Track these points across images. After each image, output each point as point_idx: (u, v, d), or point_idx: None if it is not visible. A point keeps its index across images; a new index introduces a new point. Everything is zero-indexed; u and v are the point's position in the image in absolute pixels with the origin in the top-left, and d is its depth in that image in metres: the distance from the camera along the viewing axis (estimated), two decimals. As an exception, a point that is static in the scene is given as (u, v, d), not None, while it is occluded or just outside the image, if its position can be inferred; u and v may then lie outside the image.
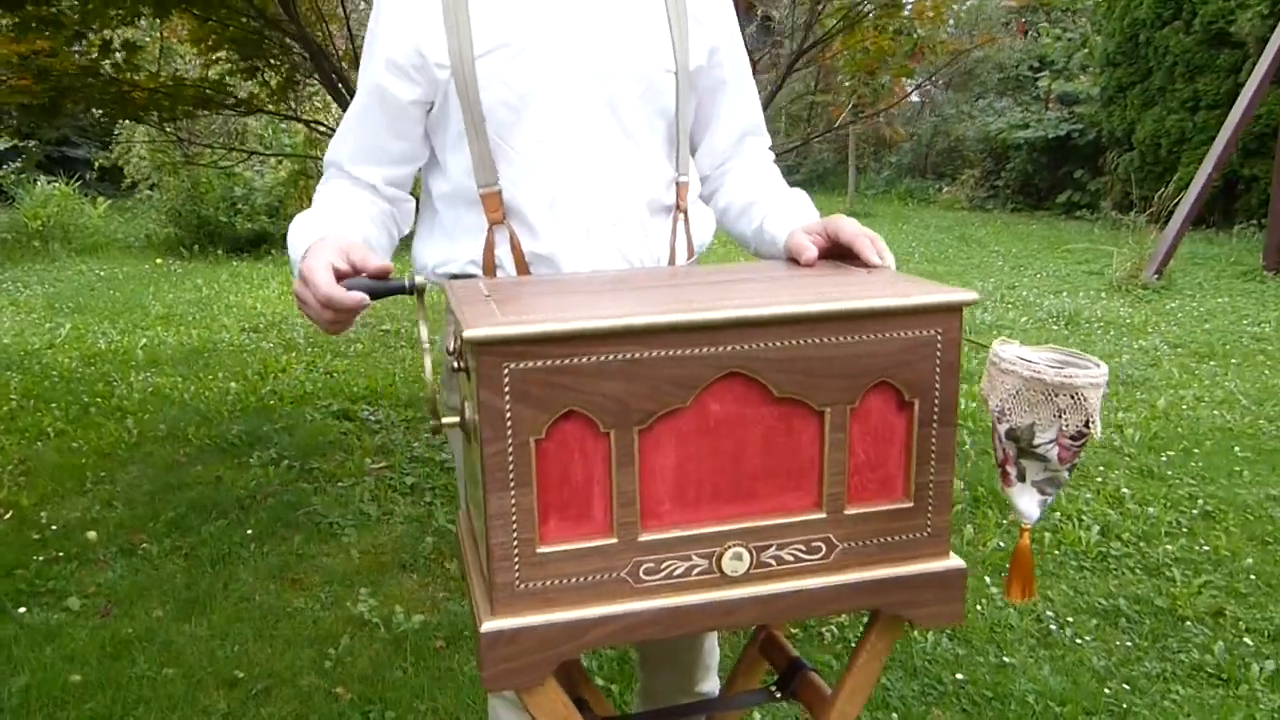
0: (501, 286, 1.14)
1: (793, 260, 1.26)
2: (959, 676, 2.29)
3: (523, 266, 1.27)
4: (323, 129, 4.27)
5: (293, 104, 4.08)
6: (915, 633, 2.47)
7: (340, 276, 1.03)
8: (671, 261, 1.34)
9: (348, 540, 3.05)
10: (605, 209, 1.28)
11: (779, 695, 1.27)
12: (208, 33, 3.69)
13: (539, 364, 0.94)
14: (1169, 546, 2.98)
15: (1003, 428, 0.95)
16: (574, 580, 1.00)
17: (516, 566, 0.98)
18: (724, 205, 1.44)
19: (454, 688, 2.28)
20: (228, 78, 3.81)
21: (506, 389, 0.94)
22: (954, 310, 1.04)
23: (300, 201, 8.66)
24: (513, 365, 0.94)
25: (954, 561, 1.10)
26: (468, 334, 0.92)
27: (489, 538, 0.97)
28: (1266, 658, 2.36)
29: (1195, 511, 3.24)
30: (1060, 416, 0.90)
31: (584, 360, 0.95)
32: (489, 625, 0.98)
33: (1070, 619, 2.56)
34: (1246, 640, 2.46)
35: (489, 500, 0.96)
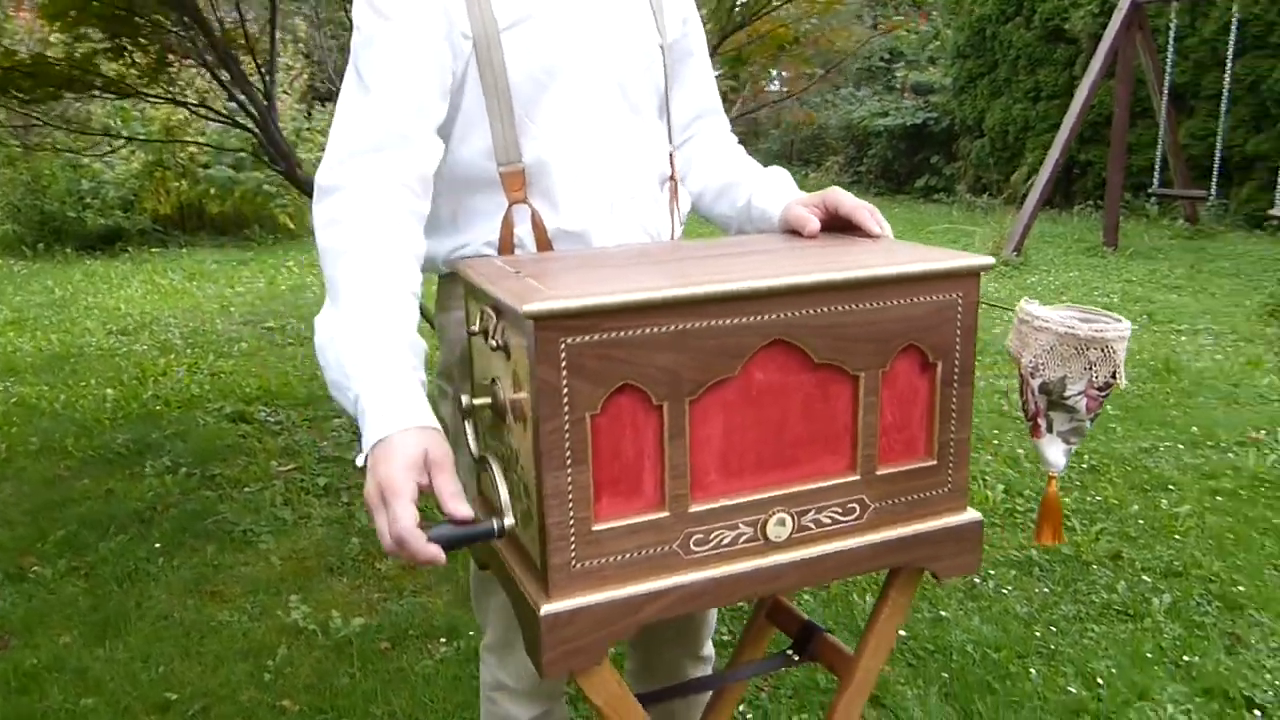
0: (524, 263, 1.11)
1: (792, 232, 1.28)
2: (901, 633, 2.39)
3: (545, 244, 1.23)
4: (205, 112, 4.03)
5: (165, 86, 3.83)
6: (854, 595, 2.56)
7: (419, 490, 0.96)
8: (671, 231, 1.35)
9: (265, 547, 2.91)
10: (626, 183, 1.27)
11: (797, 658, 1.29)
12: (67, 6, 3.41)
13: (595, 338, 0.93)
14: (1065, 499, 3.19)
15: (1036, 382, 0.99)
16: (627, 556, 0.99)
17: (573, 546, 0.97)
18: (699, 190, 1.44)
19: (408, 689, 2.22)
20: (96, 57, 3.54)
21: (563, 364, 0.92)
22: (974, 274, 1.08)
23: (157, 196, 8.14)
24: (569, 340, 0.92)
25: (972, 514, 1.15)
26: (527, 309, 0.89)
27: (545, 518, 0.95)
28: (1163, 592, 2.57)
29: (1083, 466, 3.47)
30: (1090, 368, 0.96)
31: (638, 333, 0.94)
32: (548, 608, 0.96)
33: (992, 572, 2.71)
34: (1145, 578, 2.66)
35: (545, 480, 0.94)
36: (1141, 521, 3.01)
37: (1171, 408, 4.08)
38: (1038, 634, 2.39)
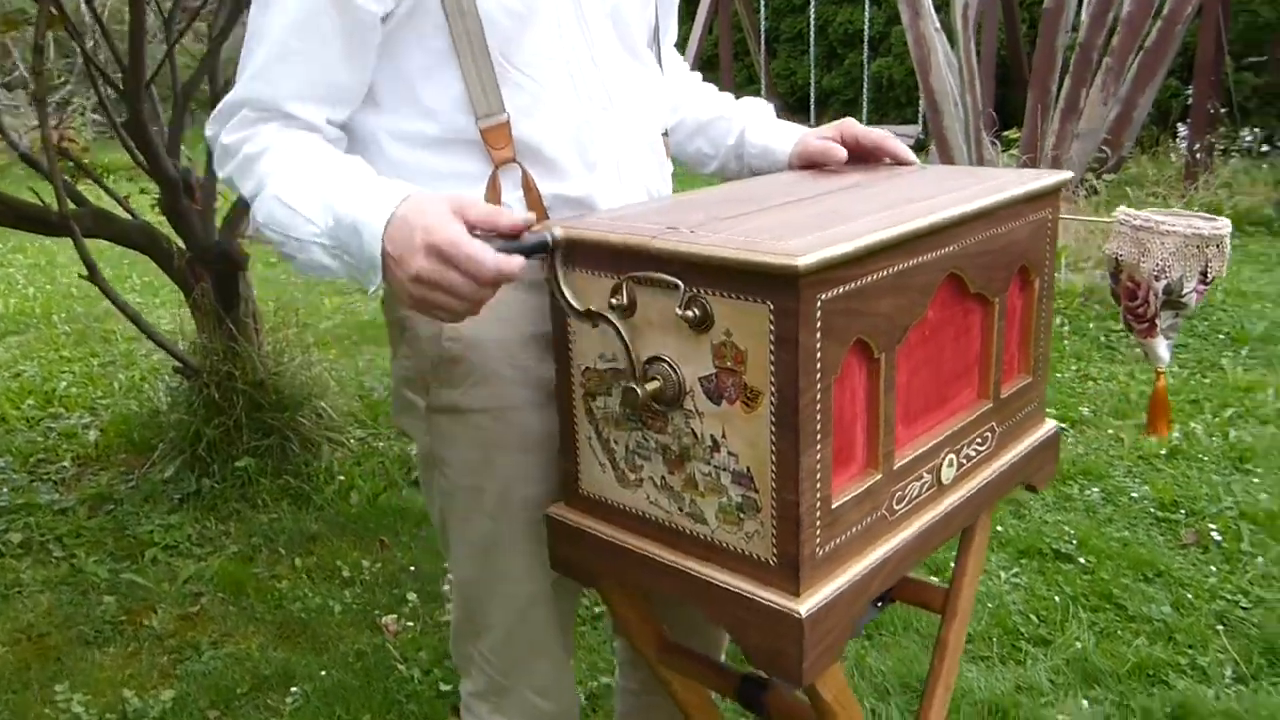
0: (647, 216, 0.93)
1: (807, 167, 1.21)
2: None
3: (541, 213, 1.03)
4: None
5: None
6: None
7: None
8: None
9: (-20, 635, 2.24)
10: (629, 139, 1.09)
11: (880, 605, 1.26)
12: None
13: (840, 290, 0.81)
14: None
15: (1160, 284, 1.04)
16: (853, 530, 0.89)
17: (818, 531, 0.85)
18: (672, 124, 1.31)
19: (273, 755, 1.85)
20: None
21: (818, 324, 0.79)
22: (1058, 191, 1.10)
23: None
24: (824, 295, 0.79)
25: (1052, 423, 1.19)
26: (803, 261, 0.74)
27: (800, 504, 0.82)
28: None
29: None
30: (1207, 264, 1.02)
31: (869, 280, 0.84)
32: (807, 606, 0.83)
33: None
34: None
35: (802, 461, 0.81)
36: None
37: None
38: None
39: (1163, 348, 1.09)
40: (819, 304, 0.78)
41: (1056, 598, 2.24)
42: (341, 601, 2.35)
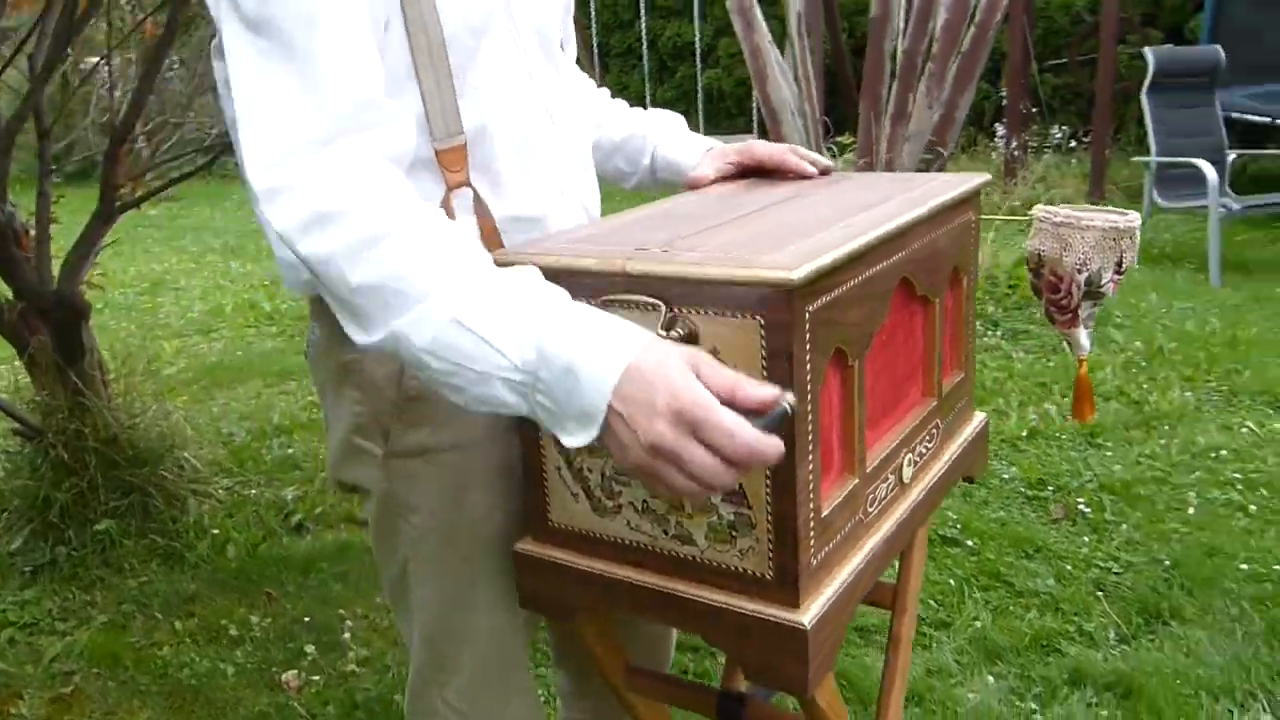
0: (606, 235, 0.91)
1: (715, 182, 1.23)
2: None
3: (490, 235, 0.99)
4: None
5: None
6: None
7: None
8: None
9: None
10: (567, 154, 1.07)
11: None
12: None
13: (822, 301, 0.82)
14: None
15: (1082, 277, 1.11)
16: (839, 537, 0.90)
17: (813, 540, 0.85)
18: (593, 142, 1.30)
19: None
20: None
21: (808, 336, 0.79)
22: (979, 193, 1.15)
23: None
24: (811, 307, 0.79)
25: (982, 415, 1.25)
26: (797, 274, 0.75)
27: (796, 516, 0.82)
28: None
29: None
30: (1122, 256, 1.09)
31: (843, 289, 0.85)
32: (809, 617, 0.83)
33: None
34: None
35: (798, 473, 0.81)
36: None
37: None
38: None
39: (1084, 336, 1.17)
40: (807, 315, 0.79)
41: (951, 580, 2.35)
42: (234, 662, 2.19)
